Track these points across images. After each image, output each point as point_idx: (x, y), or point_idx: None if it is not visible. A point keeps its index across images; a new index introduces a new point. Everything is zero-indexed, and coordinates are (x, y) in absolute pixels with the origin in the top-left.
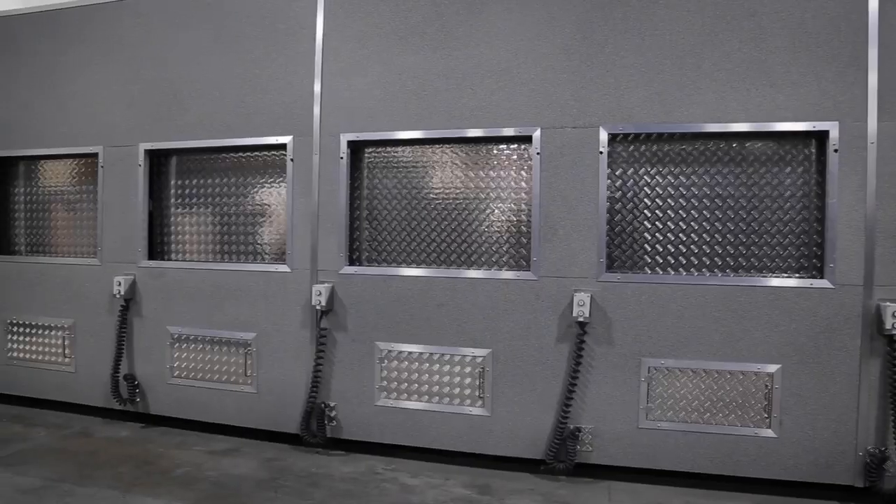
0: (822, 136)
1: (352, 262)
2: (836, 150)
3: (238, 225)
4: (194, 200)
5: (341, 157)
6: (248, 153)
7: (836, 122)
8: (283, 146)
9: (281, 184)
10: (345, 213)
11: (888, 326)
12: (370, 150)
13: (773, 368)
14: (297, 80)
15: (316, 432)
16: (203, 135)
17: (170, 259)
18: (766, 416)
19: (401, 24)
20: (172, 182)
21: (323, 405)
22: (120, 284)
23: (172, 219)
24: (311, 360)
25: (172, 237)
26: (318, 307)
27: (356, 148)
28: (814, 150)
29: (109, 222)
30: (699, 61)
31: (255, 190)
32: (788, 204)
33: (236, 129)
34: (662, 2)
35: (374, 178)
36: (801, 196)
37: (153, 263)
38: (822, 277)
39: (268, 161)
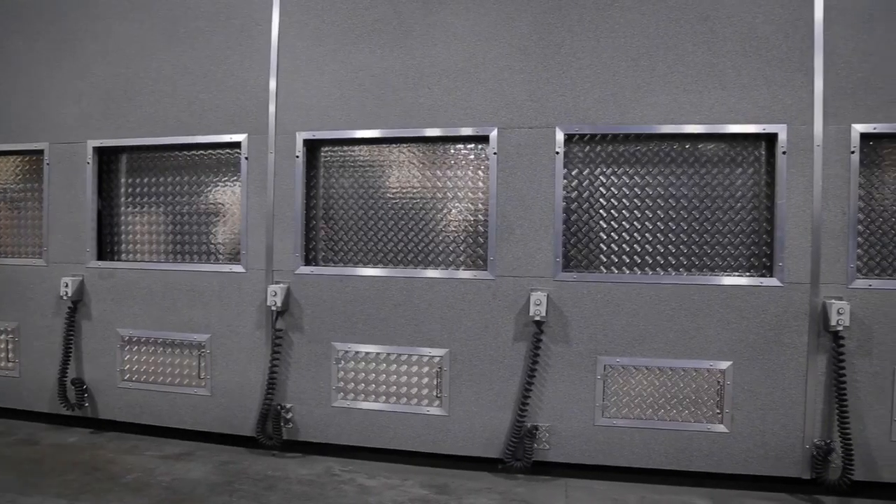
0: (771, 139)
1: (308, 262)
2: (784, 153)
3: (191, 224)
4: (146, 199)
5: (297, 156)
6: (202, 151)
7: (785, 125)
8: (237, 144)
9: (235, 183)
10: (301, 212)
11: (833, 323)
12: (326, 148)
13: (724, 365)
14: (252, 77)
15: (272, 434)
16: (155, 132)
17: (120, 259)
18: (718, 411)
19: (358, 22)
20: (123, 180)
21: (279, 407)
22: (67, 286)
23: (123, 218)
24: (266, 362)
25: (123, 237)
26: (273, 308)
27: (312, 146)
28: (763, 152)
29: (56, 222)
30: (653, 63)
31: (209, 189)
32: (740, 204)
33: (189, 127)
34: (618, 4)
35: (330, 178)
36: (751, 197)
37: (102, 264)
38: (771, 276)
39: (222, 159)
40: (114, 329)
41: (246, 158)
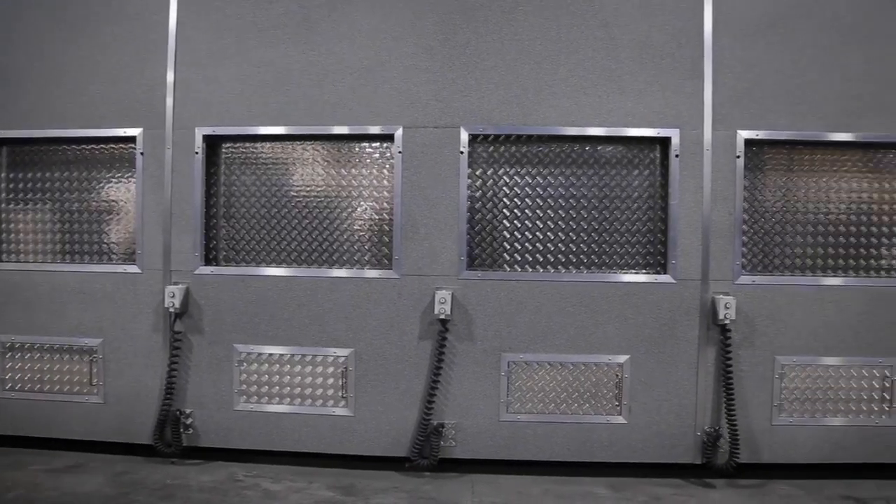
0: (665, 142)
1: (208, 262)
2: (677, 156)
3: (82, 223)
4: (30, 196)
5: (196, 152)
6: (94, 145)
7: (677, 130)
8: (132, 139)
9: (130, 179)
10: (200, 210)
11: (721, 317)
12: (228, 145)
13: (622, 359)
14: (148, 69)
15: (171, 441)
16: (41, 124)
17: (0, 260)
18: (616, 403)
19: (261, 16)
20: (3, 175)
21: (178, 412)
22: None
23: (3, 216)
24: (164, 366)
25: (3, 236)
26: (171, 309)
27: (213, 142)
28: (658, 155)
29: None
30: (555, 67)
31: (102, 185)
32: (636, 204)
33: (79, 119)
34: (522, 8)
35: (231, 175)
36: (647, 197)
37: None
38: (665, 273)
39: (115, 154)
40: None
41: (141, 154)
